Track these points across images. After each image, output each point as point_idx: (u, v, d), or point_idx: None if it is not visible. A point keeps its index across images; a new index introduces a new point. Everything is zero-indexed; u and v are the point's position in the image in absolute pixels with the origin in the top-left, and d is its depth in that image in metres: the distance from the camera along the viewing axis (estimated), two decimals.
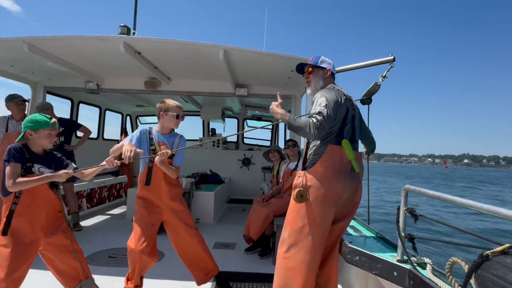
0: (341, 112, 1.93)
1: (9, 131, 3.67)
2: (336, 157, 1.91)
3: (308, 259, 1.87)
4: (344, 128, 1.97)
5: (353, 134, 2.02)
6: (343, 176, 1.90)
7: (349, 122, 1.99)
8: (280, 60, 3.40)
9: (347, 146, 1.91)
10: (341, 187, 1.90)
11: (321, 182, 1.89)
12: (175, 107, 2.56)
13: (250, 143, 8.38)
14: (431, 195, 1.57)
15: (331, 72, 2.15)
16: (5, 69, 4.19)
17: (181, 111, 2.61)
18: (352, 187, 1.96)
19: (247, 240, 3.75)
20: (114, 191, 6.57)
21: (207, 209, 5.24)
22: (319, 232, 1.88)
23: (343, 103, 1.94)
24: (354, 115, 2.05)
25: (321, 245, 1.92)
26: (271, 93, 4.65)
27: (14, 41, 3.21)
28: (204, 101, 6.71)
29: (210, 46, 3.20)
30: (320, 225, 1.88)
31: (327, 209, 1.90)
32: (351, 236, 2.31)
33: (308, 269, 1.87)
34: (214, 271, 2.71)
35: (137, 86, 4.61)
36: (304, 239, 1.89)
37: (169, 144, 2.58)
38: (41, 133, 2.05)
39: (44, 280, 2.75)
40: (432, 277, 1.53)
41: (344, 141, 1.93)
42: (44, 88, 4.73)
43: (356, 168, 1.93)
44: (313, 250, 1.87)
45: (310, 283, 1.90)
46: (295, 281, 1.87)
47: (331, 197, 1.89)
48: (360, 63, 2.64)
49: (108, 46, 3.30)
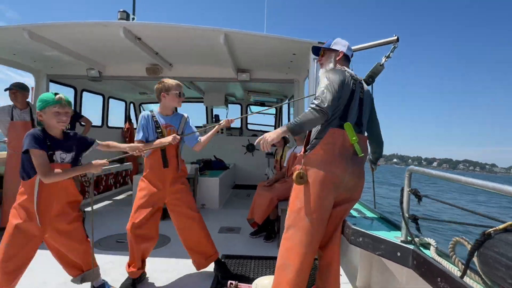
0: (346, 93, 1.87)
1: (14, 120, 3.69)
2: (337, 140, 1.87)
3: (306, 241, 1.88)
4: (349, 111, 1.90)
5: (359, 118, 1.96)
6: (344, 160, 1.87)
7: (355, 105, 1.93)
8: (282, 43, 3.34)
9: (350, 129, 1.86)
10: (341, 171, 1.87)
11: (320, 165, 1.87)
12: (176, 85, 2.52)
13: (254, 129, 8.36)
14: (435, 175, 1.56)
15: (343, 54, 2.06)
16: (8, 57, 4.19)
17: (182, 89, 2.58)
18: (354, 172, 1.91)
19: (252, 224, 3.80)
20: (120, 178, 6.66)
21: (212, 195, 5.29)
22: (317, 214, 1.88)
23: (347, 84, 1.88)
24: (363, 99, 1.97)
25: (320, 227, 1.91)
26: (273, 78, 4.60)
27: (15, 29, 3.19)
28: (207, 87, 6.67)
29: (211, 30, 3.15)
30: (318, 207, 1.88)
31: (325, 192, 1.88)
32: (355, 218, 2.31)
33: (305, 250, 1.88)
34: (214, 256, 2.72)
35: (139, 73, 4.59)
36: (302, 221, 1.90)
37: (176, 125, 2.58)
38: (47, 111, 1.93)
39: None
40: (435, 256, 1.53)
41: (347, 124, 1.87)
42: (47, 77, 4.73)
43: (359, 151, 1.87)
44: (311, 231, 1.88)
45: (307, 264, 1.90)
46: (291, 261, 1.89)
47: (330, 181, 1.87)
48: (363, 45, 2.58)
49: (108, 32, 3.26)
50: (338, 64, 2.05)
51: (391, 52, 2.32)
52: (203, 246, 2.68)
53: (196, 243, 2.66)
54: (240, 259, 3.10)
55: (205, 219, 4.45)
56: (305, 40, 3.08)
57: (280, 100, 7.31)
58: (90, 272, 2.28)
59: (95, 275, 2.31)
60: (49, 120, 1.95)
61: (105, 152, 2.46)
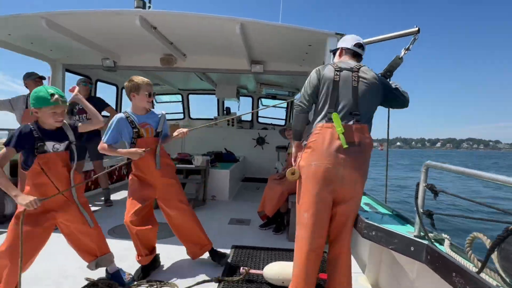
0: (324, 85, 1.97)
1: (29, 108, 3.77)
2: (325, 134, 1.91)
3: (306, 236, 1.93)
4: (337, 101, 1.94)
5: (355, 106, 1.94)
6: (334, 152, 1.88)
7: (345, 95, 1.94)
8: (298, 34, 3.29)
9: (336, 120, 1.90)
10: (332, 163, 1.88)
11: (310, 160, 1.94)
12: (145, 85, 2.39)
13: (265, 122, 8.34)
14: (453, 170, 1.52)
15: (341, 49, 2.17)
16: (25, 46, 4.26)
17: (152, 88, 2.45)
18: (348, 162, 1.89)
19: (262, 217, 3.81)
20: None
21: (222, 187, 5.33)
22: (312, 209, 1.91)
23: (324, 77, 1.97)
24: (358, 87, 1.95)
25: (318, 222, 1.92)
26: (286, 70, 4.56)
27: (33, 17, 3.23)
28: (219, 79, 6.66)
29: (227, 20, 3.14)
30: (313, 202, 1.91)
31: (317, 186, 1.91)
32: (367, 212, 2.29)
33: (307, 246, 1.93)
34: (208, 245, 2.73)
35: (153, 63, 4.61)
36: (302, 217, 1.96)
37: (154, 123, 2.51)
38: (44, 111, 1.96)
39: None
40: (450, 252, 1.51)
41: (334, 114, 1.91)
42: (63, 66, 4.80)
43: (343, 143, 1.86)
44: (309, 227, 1.92)
45: (311, 259, 1.94)
46: (297, 257, 1.97)
47: (321, 174, 1.90)
48: (383, 36, 2.52)
49: (124, 20, 3.28)
50: (339, 59, 2.16)
51: (411, 44, 2.25)
52: (197, 236, 2.69)
53: (189, 234, 2.68)
54: (250, 250, 3.12)
55: (216, 211, 4.57)
56: (322, 31, 3.04)
57: (292, 93, 7.26)
58: (104, 258, 2.32)
59: (108, 260, 2.35)
60: (46, 119, 1.99)
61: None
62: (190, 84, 7.41)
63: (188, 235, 2.68)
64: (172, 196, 2.59)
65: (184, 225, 2.65)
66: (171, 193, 2.59)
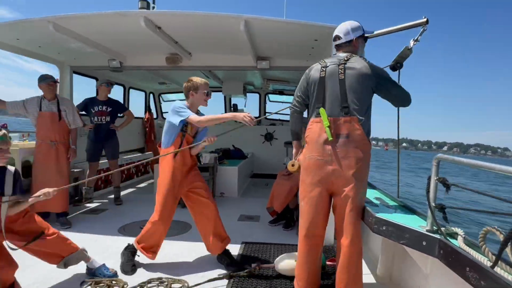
0: (311, 84, 2.10)
1: (43, 111, 3.81)
2: (315, 128, 2.04)
3: (302, 223, 2.13)
4: (324, 97, 2.03)
5: (344, 100, 1.97)
6: (322, 144, 2.00)
7: (332, 89, 2.01)
8: (303, 29, 3.26)
9: (323, 114, 2.00)
10: (319, 154, 2.01)
11: (305, 154, 2.12)
12: (204, 84, 2.63)
13: (273, 118, 8.31)
14: (465, 163, 1.49)
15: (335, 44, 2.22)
16: (34, 50, 4.32)
17: (209, 88, 2.68)
18: (336, 154, 1.96)
19: (271, 213, 3.82)
20: (141, 167, 6.83)
21: (231, 183, 5.35)
22: (306, 198, 2.09)
23: (311, 77, 2.11)
24: (344, 79, 1.98)
25: (312, 210, 2.07)
26: (293, 65, 4.53)
27: (40, 21, 3.27)
28: (225, 76, 6.66)
29: (230, 17, 3.12)
30: (307, 192, 2.09)
31: (310, 177, 2.07)
32: (377, 206, 2.27)
33: (303, 232, 2.11)
34: (228, 239, 2.80)
35: (159, 62, 4.63)
36: (302, 206, 2.15)
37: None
38: None
39: None
40: (463, 246, 1.49)
41: (321, 109, 2.01)
42: (70, 68, 4.86)
43: (329, 135, 1.95)
44: (304, 214, 2.11)
45: (309, 247, 2.10)
46: (298, 245, 2.17)
47: (312, 166, 2.05)
48: (391, 28, 2.47)
49: (129, 22, 3.29)
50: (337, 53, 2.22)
51: (419, 36, 2.21)
52: (219, 229, 2.76)
53: (212, 226, 2.73)
54: (260, 246, 3.14)
55: (225, 207, 4.59)
56: (328, 25, 2.99)
57: None
58: (72, 257, 2.30)
59: (78, 258, 2.35)
60: None
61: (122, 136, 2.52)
62: None
63: (211, 227, 2.73)
64: (196, 189, 2.72)
65: (209, 216, 2.73)
66: (196, 186, 2.72)
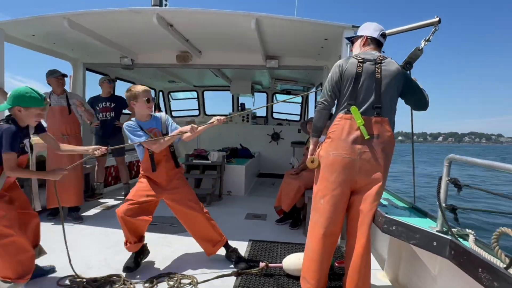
0: (346, 79, 1.99)
1: (52, 105, 3.86)
2: (344, 125, 1.97)
3: (321, 221, 2.03)
4: (357, 94, 1.97)
5: (377, 99, 1.94)
6: (351, 143, 1.94)
7: (366, 87, 1.96)
8: (314, 28, 3.26)
9: (356, 112, 1.93)
10: (349, 153, 1.94)
11: (328, 150, 2.02)
12: (143, 92, 2.49)
13: (280, 118, 8.32)
14: (479, 164, 1.48)
15: (366, 38, 2.12)
16: (48, 46, 4.40)
17: (150, 94, 2.54)
18: (365, 153, 1.93)
19: (278, 212, 3.82)
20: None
21: (238, 182, 5.37)
22: (328, 196, 2.01)
23: (347, 71, 1.99)
24: (381, 79, 1.95)
25: (333, 208, 2.00)
26: (302, 64, 4.53)
27: (55, 18, 3.33)
28: (233, 75, 6.69)
29: (242, 15, 3.14)
30: (329, 190, 2.00)
31: (335, 174, 1.99)
32: (386, 207, 2.26)
33: (321, 229, 2.02)
34: (221, 241, 2.74)
35: (169, 60, 4.68)
36: (318, 203, 2.06)
37: (158, 126, 2.59)
38: (31, 110, 2.06)
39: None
40: (475, 247, 1.47)
41: (353, 107, 1.95)
42: (83, 65, 4.93)
43: (365, 134, 1.90)
44: (325, 212, 2.01)
45: (324, 244, 2.02)
46: (311, 241, 2.08)
47: (338, 163, 1.97)
48: (402, 27, 2.45)
49: (142, 19, 3.33)
50: (363, 49, 2.13)
51: (431, 35, 2.18)
52: (210, 234, 2.70)
53: (202, 232, 2.69)
54: (267, 244, 3.14)
55: (232, 206, 4.61)
56: (338, 23, 2.99)
57: (306, 89, 7.19)
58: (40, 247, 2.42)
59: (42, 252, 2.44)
60: (27, 118, 2.08)
61: None
62: (205, 81, 7.47)
63: (200, 233, 2.70)
64: (180, 197, 2.62)
65: (195, 224, 2.67)
66: (179, 193, 2.63)
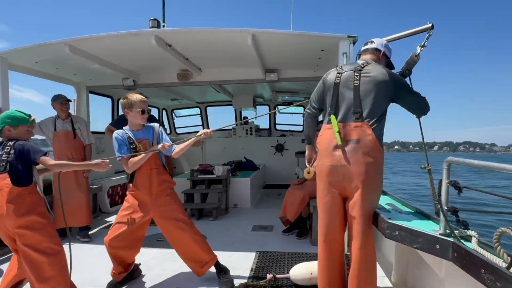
0: (328, 90, 2.12)
1: (58, 130, 3.95)
2: (326, 135, 2.07)
3: (320, 229, 2.14)
4: (338, 104, 2.05)
5: (357, 106, 1.97)
6: (332, 150, 2.02)
7: (345, 96, 2.02)
8: (310, 40, 3.33)
9: (333, 120, 2.02)
10: (330, 160, 2.02)
11: (318, 161, 2.14)
12: (139, 102, 2.44)
13: (283, 129, 8.36)
14: (476, 165, 1.48)
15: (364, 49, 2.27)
16: (52, 72, 4.53)
17: (146, 105, 2.48)
18: (346, 159, 1.95)
19: (284, 222, 3.81)
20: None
21: (244, 195, 5.38)
22: (321, 204, 2.12)
23: (327, 82, 2.13)
24: (359, 85, 1.99)
25: (327, 216, 2.09)
26: (301, 76, 4.59)
27: (57, 44, 3.45)
28: (235, 90, 6.78)
29: (238, 32, 3.22)
30: (321, 198, 2.12)
31: (322, 183, 2.09)
32: (389, 212, 2.26)
33: (321, 237, 2.11)
34: (210, 262, 2.62)
35: (171, 79, 4.78)
36: (318, 213, 2.18)
37: (149, 137, 2.53)
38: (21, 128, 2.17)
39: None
40: (478, 248, 1.47)
41: (332, 116, 2.04)
42: (86, 88, 5.06)
43: (338, 140, 1.96)
44: (321, 220, 2.12)
45: (326, 251, 2.09)
46: (318, 249, 2.16)
47: (323, 172, 2.07)
48: (396, 35, 2.50)
49: (140, 41, 3.44)
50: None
51: (425, 41, 2.23)
52: (197, 254, 2.59)
53: (189, 252, 2.59)
54: (274, 255, 3.13)
55: (238, 218, 4.62)
56: (334, 35, 3.06)
57: (308, 99, 7.24)
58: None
59: None
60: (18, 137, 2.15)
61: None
62: (207, 97, 7.58)
63: (187, 253, 2.60)
64: (167, 215, 2.53)
65: (181, 243, 2.58)
66: (166, 211, 2.53)
